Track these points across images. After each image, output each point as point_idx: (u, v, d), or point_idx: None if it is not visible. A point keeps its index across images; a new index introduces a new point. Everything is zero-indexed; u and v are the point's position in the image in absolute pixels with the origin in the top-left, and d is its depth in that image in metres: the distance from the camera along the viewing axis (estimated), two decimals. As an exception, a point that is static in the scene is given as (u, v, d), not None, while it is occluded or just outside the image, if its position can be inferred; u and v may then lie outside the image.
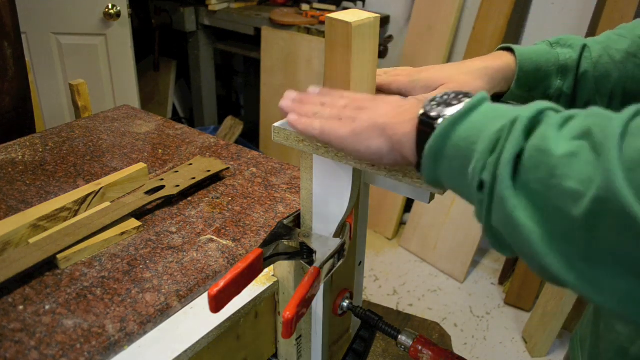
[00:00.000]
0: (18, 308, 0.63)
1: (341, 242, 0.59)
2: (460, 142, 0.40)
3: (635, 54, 0.62)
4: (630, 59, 0.61)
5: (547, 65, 0.61)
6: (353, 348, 0.70)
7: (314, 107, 0.53)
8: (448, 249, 2.30)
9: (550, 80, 0.62)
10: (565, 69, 0.61)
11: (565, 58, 0.61)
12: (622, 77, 0.61)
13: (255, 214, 0.84)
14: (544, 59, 0.61)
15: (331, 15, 0.52)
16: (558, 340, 1.96)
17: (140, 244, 0.75)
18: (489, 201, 0.38)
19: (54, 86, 2.13)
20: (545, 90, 0.62)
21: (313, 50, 2.26)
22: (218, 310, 0.51)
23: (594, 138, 0.33)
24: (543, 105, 0.38)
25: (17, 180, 0.89)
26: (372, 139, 0.47)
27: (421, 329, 1.14)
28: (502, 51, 0.63)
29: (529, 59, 0.61)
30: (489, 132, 0.38)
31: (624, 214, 0.29)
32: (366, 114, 0.48)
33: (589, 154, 0.32)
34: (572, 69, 0.61)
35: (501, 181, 0.36)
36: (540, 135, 0.36)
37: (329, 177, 0.58)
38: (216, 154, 1.02)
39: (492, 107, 0.41)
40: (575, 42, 0.62)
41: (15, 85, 1.18)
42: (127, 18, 2.10)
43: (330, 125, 0.50)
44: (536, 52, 0.61)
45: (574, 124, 0.35)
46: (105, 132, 1.08)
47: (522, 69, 0.60)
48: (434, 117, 0.42)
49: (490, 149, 0.37)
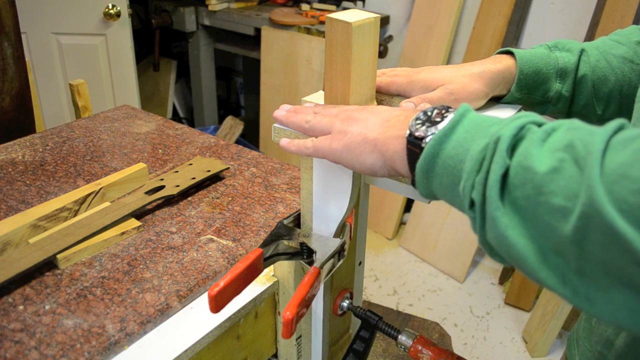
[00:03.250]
0: (18, 308, 0.63)
1: (341, 242, 0.59)
2: (448, 160, 0.41)
3: (631, 59, 0.63)
4: (627, 64, 0.62)
5: (547, 69, 0.62)
6: (353, 348, 0.70)
7: (306, 115, 0.54)
8: (448, 249, 2.30)
9: (550, 84, 0.62)
10: (564, 73, 0.62)
11: (564, 62, 0.62)
12: (618, 81, 0.62)
13: (255, 214, 0.84)
14: (543, 63, 0.61)
15: (331, 15, 0.52)
16: (558, 340, 1.96)
17: (140, 244, 0.75)
18: (482, 220, 0.39)
19: (54, 86, 2.13)
20: (544, 93, 0.63)
21: (313, 50, 2.26)
22: (218, 310, 0.51)
23: (576, 152, 0.33)
24: (524, 119, 0.39)
25: (17, 180, 0.89)
26: (365, 154, 0.48)
27: (421, 329, 1.14)
28: (502, 54, 0.64)
29: (529, 62, 0.61)
30: (473, 152, 0.39)
31: (609, 229, 0.30)
32: (356, 126, 0.49)
33: (572, 168, 0.33)
34: (571, 73, 0.62)
35: (490, 202, 0.37)
36: (523, 153, 0.36)
37: (329, 177, 0.58)
38: (216, 154, 1.02)
39: (474, 120, 0.42)
40: (573, 47, 0.63)
41: (15, 85, 1.18)
42: (127, 18, 2.10)
43: (322, 141, 0.51)
44: (536, 55, 0.62)
45: (556, 137, 0.36)
46: (105, 132, 1.08)
47: (522, 72, 0.61)
48: (420, 137, 0.43)
49: (477, 169, 0.38)
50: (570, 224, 0.32)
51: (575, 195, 0.32)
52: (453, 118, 0.42)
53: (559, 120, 0.38)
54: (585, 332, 0.62)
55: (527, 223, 0.35)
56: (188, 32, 2.73)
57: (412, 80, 0.61)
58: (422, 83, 0.60)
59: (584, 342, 0.61)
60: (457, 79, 0.59)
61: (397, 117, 0.48)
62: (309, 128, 0.53)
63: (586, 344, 0.61)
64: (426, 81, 0.60)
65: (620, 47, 0.64)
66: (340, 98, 0.56)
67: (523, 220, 0.36)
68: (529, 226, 0.35)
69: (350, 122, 0.50)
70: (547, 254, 0.35)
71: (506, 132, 0.38)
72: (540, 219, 0.34)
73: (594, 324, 0.60)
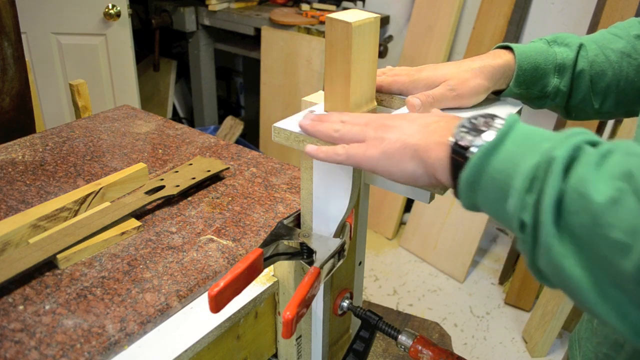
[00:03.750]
0: (18, 308, 0.63)
1: (341, 242, 0.59)
2: (496, 174, 0.39)
3: (629, 53, 0.63)
4: (625, 59, 0.63)
5: (545, 64, 0.62)
6: (353, 348, 0.70)
7: (334, 124, 0.52)
8: (448, 249, 2.30)
9: (548, 79, 0.63)
10: (562, 68, 0.62)
11: (562, 57, 0.62)
12: (616, 75, 0.62)
13: (255, 214, 0.84)
14: (542, 58, 0.62)
15: (331, 15, 0.52)
16: (558, 340, 1.96)
17: (140, 244, 0.75)
18: (533, 245, 0.37)
19: (54, 86, 2.13)
20: (542, 87, 0.63)
21: (313, 50, 2.26)
22: (218, 310, 0.51)
23: (636, 182, 0.32)
24: (579, 138, 0.37)
25: (17, 180, 0.89)
26: (405, 161, 0.46)
27: (421, 329, 1.14)
28: (501, 49, 0.64)
29: (528, 58, 0.61)
30: (524, 169, 0.37)
31: None
32: (393, 133, 0.47)
33: (632, 200, 0.31)
34: (569, 68, 0.62)
35: (544, 228, 0.35)
36: (579, 177, 0.34)
37: (329, 177, 0.58)
38: (216, 154, 1.02)
39: (524, 134, 0.40)
40: (572, 41, 0.63)
41: (15, 85, 1.18)
42: (127, 18, 2.10)
43: (356, 148, 0.49)
44: (534, 50, 0.62)
45: (613, 163, 0.34)
46: (105, 132, 1.08)
47: (521, 67, 0.61)
48: (465, 147, 0.41)
49: (527, 188, 0.36)
50: (631, 262, 0.30)
51: (635, 231, 0.30)
52: (501, 130, 0.40)
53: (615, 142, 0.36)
54: (587, 333, 0.62)
55: (583, 253, 0.33)
56: (188, 32, 2.73)
57: (415, 79, 0.61)
58: (424, 81, 0.61)
59: (586, 343, 0.61)
60: (458, 74, 0.60)
61: (436, 122, 0.46)
62: (338, 137, 0.51)
63: (588, 345, 0.60)
64: (428, 79, 0.61)
65: (619, 40, 0.64)
66: (340, 98, 0.56)
67: (579, 249, 0.34)
68: (586, 256, 0.33)
69: (385, 129, 0.48)
70: (605, 287, 0.33)
71: (561, 152, 0.35)
72: (598, 251, 0.32)
73: (596, 326, 0.59)
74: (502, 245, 2.50)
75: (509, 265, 2.23)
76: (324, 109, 0.59)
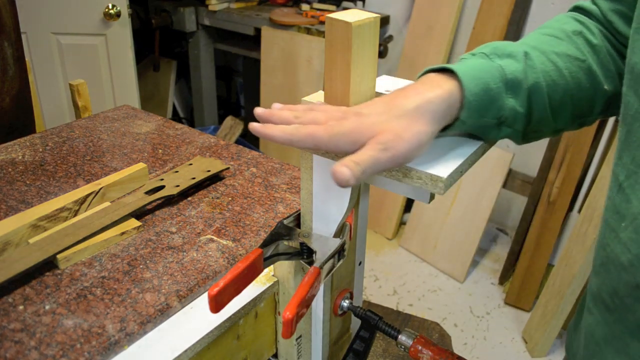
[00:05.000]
0: (18, 308, 0.63)
1: (341, 242, 0.59)
2: None
3: (576, 56, 0.54)
4: (573, 62, 0.54)
5: (494, 82, 0.50)
6: (353, 348, 0.70)
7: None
8: (448, 249, 2.30)
9: (502, 100, 0.51)
10: (514, 85, 0.51)
11: (511, 70, 0.51)
12: (568, 84, 0.53)
13: (255, 214, 0.84)
14: (488, 76, 0.50)
15: (331, 15, 0.52)
16: (558, 340, 1.96)
17: (140, 244, 0.75)
18: None
19: (54, 86, 2.13)
20: (496, 112, 0.51)
21: (313, 50, 2.26)
22: (218, 310, 0.51)
23: None
24: None
25: (17, 180, 0.89)
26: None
27: (421, 329, 1.14)
28: (433, 74, 0.52)
29: (475, 78, 0.49)
30: None
31: None
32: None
33: None
34: (522, 84, 0.51)
35: None
36: None
37: (329, 177, 0.58)
38: (216, 154, 1.02)
39: None
40: (513, 50, 0.52)
41: (15, 85, 1.18)
42: (127, 18, 2.10)
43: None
44: (477, 68, 0.50)
45: None
46: (105, 132, 1.08)
47: (471, 92, 0.49)
48: None
49: None
50: None
51: None
52: None
53: None
54: None
55: None
56: (188, 32, 2.73)
57: (334, 133, 0.47)
58: (347, 137, 0.47)
59: None
60: (388, 125, 0.47)
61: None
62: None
63: None
64: (351, 134, 0.47)
65: (559, 42, 0.55)
66: (340, 98, 0.56)
67: None
68: None
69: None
70: None
71: None
72: None
73: None
74: (502, 245, 2.50)
75: (509, 265, 2.23)
76: (324, 109, 0.59)
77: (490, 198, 2.19)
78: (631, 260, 0.46)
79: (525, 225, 2.12)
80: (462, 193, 2.27)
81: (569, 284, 1.79)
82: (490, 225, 2.60)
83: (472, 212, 2.23)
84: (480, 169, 2.21)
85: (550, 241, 2.03)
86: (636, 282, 0.45)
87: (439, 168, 0.48)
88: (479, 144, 0.53)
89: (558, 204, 2.00)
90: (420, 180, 0.48)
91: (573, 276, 1.78)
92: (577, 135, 1.93)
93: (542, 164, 2.04)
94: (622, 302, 0.48)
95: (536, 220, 2.06)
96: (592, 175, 2.06)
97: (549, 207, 2.02)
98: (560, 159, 1.97)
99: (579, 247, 1.77)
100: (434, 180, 0.47)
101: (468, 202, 2.25)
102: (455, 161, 0.49)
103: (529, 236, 2.08)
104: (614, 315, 0.50)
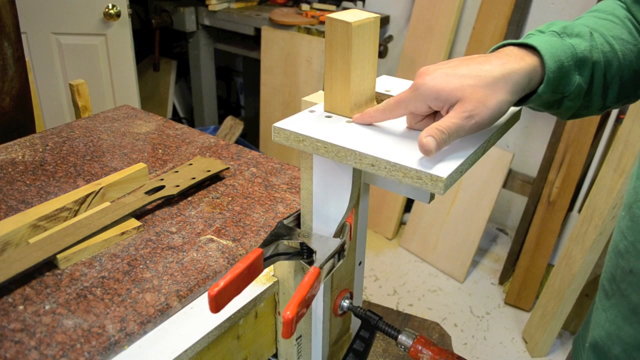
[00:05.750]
0: (18, 308, 0.63)
1: (341, 242, 0.59)
2: None
3: (628, 40, 0.57)
4: (626, 46, 0.57)
5: (567, 61, 0.53)
6: (353, 348, 0.70)
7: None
8: (448, 249, 2.30)
9: (571, 77, 0.54)
10: (582, 63, 0.54)
11: (581, 50, 0.53)
12: (620, 65, 0.57)
13: (255, 214, 0.84)
14: (563, 54, 0.52)
15: (331, 15, 0.52)
16: (558, 340, 1.96)
17: (140, 244, 0.75)
18: None
19: (54, 86, 2.13)
20: (565, 87, 0.54)
21: (313, 50, 2.26)
22: (218, 310, 0.51)
23: None
24: None
25: (17, 180, 0.89)
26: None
27: (421, 329, 1.14)
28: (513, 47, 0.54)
29: (553, 56, 0.52)
30: None
31: None
32: None
33: None
34: (589, 62, 0.54)
35: None
36: None
37: (329, 177, 0.58)
38: (216, 154, 1.02)
39: None
40: (581, 31, 0.55)
41: (15, 85, 1.18)
42: (127, 18, 2.10)
43: None
44: (554, 46, 0.53)
45: None
46: (105, 132, 1.08)
47: (551, 69, 0.51)
48: None
49: None
50: None
51: None
52: None
53: None
54: None
55: None
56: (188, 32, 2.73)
57: (421, 90, 0.50)
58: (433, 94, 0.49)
59: None
60: (474, 92, 0.48)
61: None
62: None
63: None
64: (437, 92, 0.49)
65: (615, 26, 0.58)
66: (340, 98, 0.56)
67: None
68: None
69: None
70: None
71: None
72: None
73: None
74: (502, 245, 2.50)
75: (509, 265, 2.23)
76: (324, 109, 0.59)
77: (490, 198, 2.19)
78: (627, 246, 0.48)
79: (525, 225, 2.12)
80: (462, 193, 2.27)
81: (569, 284, 1.79)
82: (490, 225, 2.60)
83: (472, 212, 2.23)
84: (480, 169, 2.21)
85: (550, 241, 2.03)
86: (630, 267, 0.47)
87: (439, 168, 0.48)
88: (479, 144, 0.53)
89: (558, 204, 2.00)
90: (420, 180, 0.48)
91: (573, 276, 1.78)
92: (577, 135, 1.93)
93: (542, 164, 2.04)
94: (618, 287, 0.50)
95: (536, 220, 2.06)
96: (592, 175, 2.06)
97: (549, 207, 2.02)
98: (560, 159, 1.97)
99: (579, 247, 1.77)
100: (434, 180, 0.47)
101: (468, 202, 2.25)
102: (455, 161, 0.49)
103: (529, 236, 2.08)
104: (610, 300, 0.52)
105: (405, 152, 0.50)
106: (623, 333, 0.49)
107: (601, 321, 0.53)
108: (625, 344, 0.49)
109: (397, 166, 0.48)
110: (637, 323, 0.48)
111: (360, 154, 0.50)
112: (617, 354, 0.51)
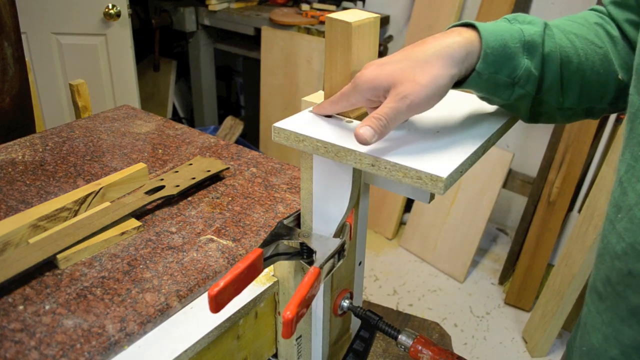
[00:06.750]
0: (18, 308, 0.63)
1: (341, 242, 0.59)
2: None
3: (593, 41, 0.56)
4: (590, 46, 0.56)
5: (513, 42, 0.52)
6: (353, 348, 0.70)
7: None
8: (448, 249, 2.30)
9: (518, 59, 0.52)
10: (531, 47, 0.53)
11: (530, 34, 0.53)
12: (581, 64, 0.55)
13: (255, 214, 0.84)
14: (508, 35, 0.52)
15: (331, 15, 0.52)
16: (558, 340, 1.96)
17: (140, 244, 0.75)
18: None
19: (54, 86, 2.13)
20: (512, 71, 0.53)
21: (313, 50, 2.26)
22: (218, 310, 0.51)
23: None
24: None
25: (17, 180, 0.89)
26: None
27: (421, 329, 1.14)
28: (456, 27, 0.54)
29: (494, 34, 0.51)
30: None
31: None
32: None
33: None
34: (538, 47, 0.53)
35: None
36: None
37: (329, 177, 0.58)
38: (216, 154, 1.02)
39: None
40: (534, 20, 0.55)
41: (15, 85, 1.18)
42: (127, 18, 2.10)
43: None
44: (499, 28, 0.52)
45: None
46: (105, 132, 1.08)
47: (489, 45, 0.51)
48: None
49: None
50: None
51: None
52: None
53: None
54: None
55: None
56: (188, 32, 2.73)
57: (357, 83, 0.51)
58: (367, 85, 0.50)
59: None
60: (405, 74, 0.48)
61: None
62: None
63: None
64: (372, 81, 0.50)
65: (580, 27, 0.57)
66: (340, 98, 0.56)
67: None
68: None
69: None
70: None
71: None
72: None
73: None
74: (502, 245, 2.50)
75: (509, 265, 2.23)
76: (324, 109, 0.59)
77: (490, 198, 2.19)
78: (625, 248, 0.47)
79: (525, 225, 2.12)
80: (462, 193, 2.27)
81: (569, 284, 1.79)
82: (490, 225, 2.60)
83: (472, 212, 2.23)
84: (480, 169, 2.21)
85: (550, 241, 2.03)
86: (628, 269, 0.47)
87: (439, 168, 0.48)
88: (479, 144, 0.53)
89: (558, 204, 2.00)
90: (420, 180, 0.48)
91: (573, 276, 1.78)
92: (577, 135, 1.93)
93: (542, 164, 2.04)
94: (614, 289, 0.49)
95: (536, 220, 2.06)
96: (592, 175, 2.06)
97: (549, 207, 2.02)
98: (560, 159, 1.97)
99: (579, 247, 1.77)
100: (434, 180, 0.47)
101: (468, 202, 2.25)
102: (455, 161, 0.49)
103: (529, 236, 2.09)
104: (606, 303, 0.51)
105: (405, 152, 0.50)
106: (621, 335, 0.49)
107: (597, 324, 0.53)
108: (623, 345, 0.49)
109: (397, 166, 0.48)
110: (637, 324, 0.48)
111: (360, 154, 0.50)
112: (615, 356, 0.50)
